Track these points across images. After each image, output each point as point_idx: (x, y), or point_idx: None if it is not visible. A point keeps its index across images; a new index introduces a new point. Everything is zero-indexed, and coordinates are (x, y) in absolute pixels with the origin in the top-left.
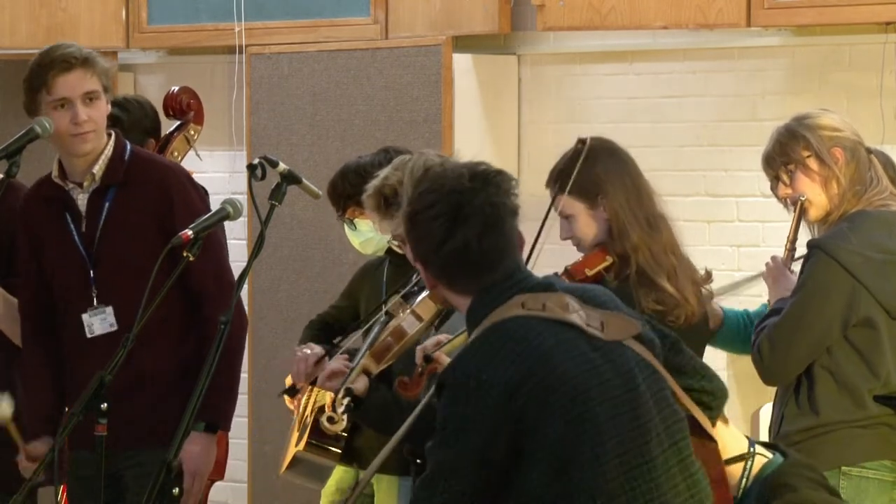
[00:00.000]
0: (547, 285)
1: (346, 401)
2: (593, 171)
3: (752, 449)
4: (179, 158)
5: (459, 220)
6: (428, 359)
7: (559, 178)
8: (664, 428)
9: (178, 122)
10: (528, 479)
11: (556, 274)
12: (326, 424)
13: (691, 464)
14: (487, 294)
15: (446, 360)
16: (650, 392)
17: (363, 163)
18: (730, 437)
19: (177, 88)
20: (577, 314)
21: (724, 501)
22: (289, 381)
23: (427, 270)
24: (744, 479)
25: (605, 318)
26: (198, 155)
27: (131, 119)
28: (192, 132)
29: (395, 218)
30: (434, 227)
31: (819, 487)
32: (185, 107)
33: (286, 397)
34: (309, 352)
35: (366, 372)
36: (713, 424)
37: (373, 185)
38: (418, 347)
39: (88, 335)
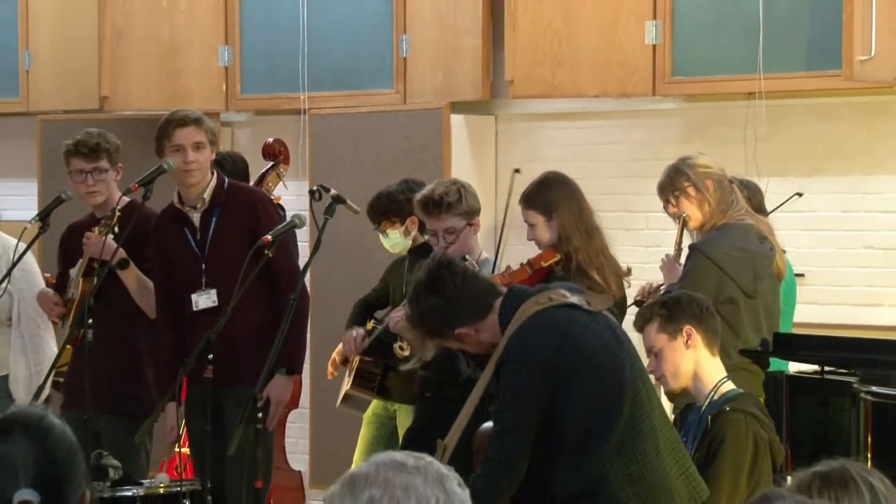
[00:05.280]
0: (542, 287)
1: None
2: (550, 194)
3: (722, 379)
4: (273, 188)
5: (441, 286)
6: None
7: (527, 199)
8: (638, 369)
9: (272, 163)
10: (566, 410)
11: (521, 263)
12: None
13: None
14: (505, 305)
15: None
16: (626, 343)
17: (391, 190)
18: (714, 366)
19: (272, 139)
20: (574, 298)
21: None
22: (337, 352)
23: (463, 329)
24: (712, 394)
25: (587, 298)
26: (285, 186)
27: (227, 172)
28: (282, 170)
29: (439, 217)
30: (436, 305)
31: (758, 411)
32: (277, 152)
33: (330, 369)
34: (355, 333)
35: None
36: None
37: (421, 194)
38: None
39: (194, 308)
